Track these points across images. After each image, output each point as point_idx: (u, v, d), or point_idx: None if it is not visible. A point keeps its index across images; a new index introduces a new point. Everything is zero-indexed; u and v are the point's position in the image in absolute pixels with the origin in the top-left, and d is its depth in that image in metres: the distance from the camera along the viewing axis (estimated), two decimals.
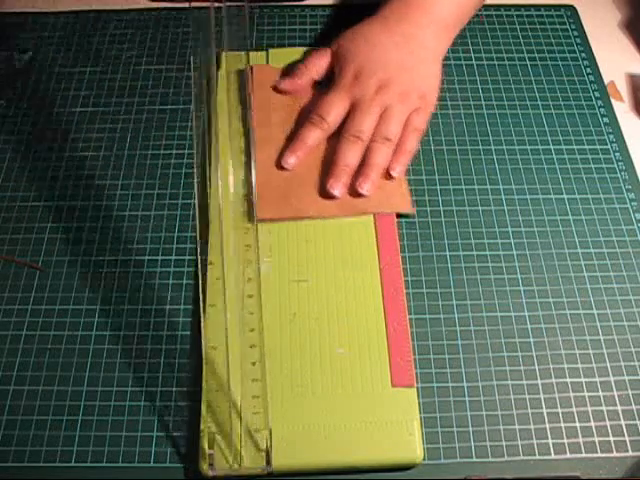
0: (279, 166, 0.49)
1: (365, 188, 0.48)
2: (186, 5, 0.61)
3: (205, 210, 0.48)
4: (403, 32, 0.52)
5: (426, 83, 0.52)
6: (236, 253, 0.45)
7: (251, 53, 0.56)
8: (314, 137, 0.50)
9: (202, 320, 0.42)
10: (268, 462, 0.38)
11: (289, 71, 0.54)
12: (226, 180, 0.49)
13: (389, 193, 0.49)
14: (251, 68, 0.55)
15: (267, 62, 0.56)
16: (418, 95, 0.51)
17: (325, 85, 0.53)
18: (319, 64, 0.54)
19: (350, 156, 0.49)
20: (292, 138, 0.51)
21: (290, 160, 0.49)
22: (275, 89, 0.54)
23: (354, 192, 0.48)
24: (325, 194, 0.48)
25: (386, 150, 0.49)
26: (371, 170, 0.48)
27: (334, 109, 0.50)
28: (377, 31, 0.52)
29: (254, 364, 0.41)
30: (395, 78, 0.50)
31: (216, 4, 0.51)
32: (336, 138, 0.50)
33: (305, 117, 0.51)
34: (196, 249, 0.47)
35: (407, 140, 0.50)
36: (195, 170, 0.51)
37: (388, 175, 0.49)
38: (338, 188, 0.48)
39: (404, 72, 0.51)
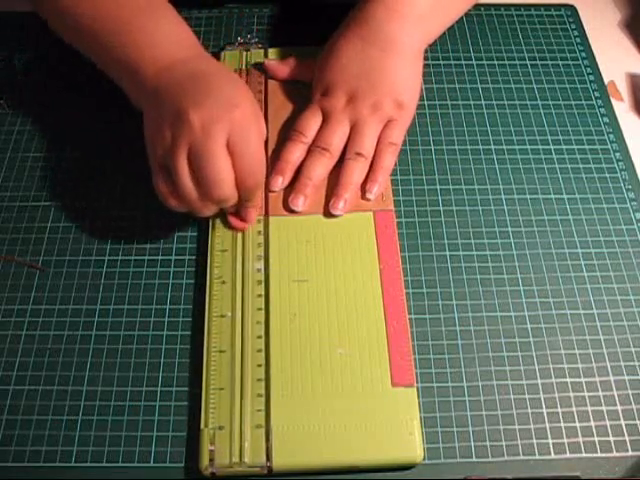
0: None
1: (339, 208, 0.47)
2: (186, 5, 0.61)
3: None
4: (366, 35, 0.49)
5: (402, 88, 0.49)
6: (240, 262, 0.45)
7: (251, 52, 0.56)
8: (296, 153, 0.49)
9: (206, 323, 0.43)
10: (268, 459, 0.38)
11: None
12: None
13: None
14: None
15: None
16: (393, 104, 0.49)
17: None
18: (298, 65, 0.54)
19: (315, 169, 0.48)
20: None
21: (277, 182, 0.48)
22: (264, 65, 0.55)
23: (327, 213, 0.47)
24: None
25: (360, 167, 0.48)
26: (344, 190, 0.47)
27: (310, 124, 0.49)
28: (342, 41, 0.50)
29: (260, 366, 0.41)
30: (364, 88, 0.49)
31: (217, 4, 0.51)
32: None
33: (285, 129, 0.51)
34: (196, 247, 0.47)
35: (382, 156, 0.48)
36: None
37: (364, 196, 0.48)
38: (298, 204, 0.47)
39: (373, 81, 0.48)
